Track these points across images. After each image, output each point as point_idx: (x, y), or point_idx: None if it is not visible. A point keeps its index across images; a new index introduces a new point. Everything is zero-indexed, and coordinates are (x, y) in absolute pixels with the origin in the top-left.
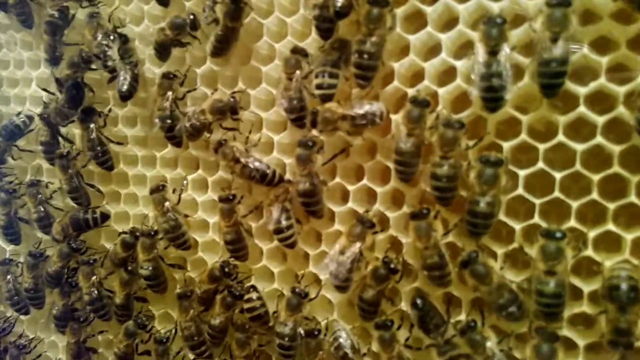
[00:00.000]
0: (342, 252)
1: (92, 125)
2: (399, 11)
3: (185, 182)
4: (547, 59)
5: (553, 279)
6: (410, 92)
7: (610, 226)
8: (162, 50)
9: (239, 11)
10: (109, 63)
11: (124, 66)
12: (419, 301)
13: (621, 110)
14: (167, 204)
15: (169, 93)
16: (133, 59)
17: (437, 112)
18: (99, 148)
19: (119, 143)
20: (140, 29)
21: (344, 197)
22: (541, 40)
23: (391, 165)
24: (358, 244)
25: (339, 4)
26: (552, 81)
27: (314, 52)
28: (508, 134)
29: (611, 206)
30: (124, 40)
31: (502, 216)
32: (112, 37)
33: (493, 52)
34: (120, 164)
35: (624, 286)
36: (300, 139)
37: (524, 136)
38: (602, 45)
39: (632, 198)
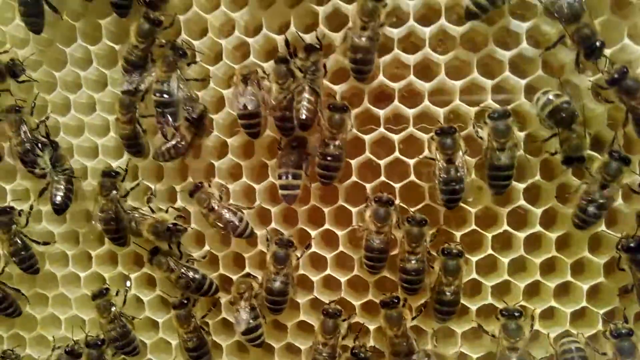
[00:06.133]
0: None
1: (13, 227)
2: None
3: (129, 282)
4: (496, 166)
5: (515, 354)
6: (368, 186)
7: (552, 302)
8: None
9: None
10: (37, 171)
11: (56, 176)
12: None
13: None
14: (114, 309)
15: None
16: (66, 165)
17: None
18: (23, 253)
19: (45, 243)
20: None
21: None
22: (489, 148)
23: (362, 260)
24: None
25: (302, 116)
26: (500, 183)
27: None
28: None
29: (551, 285)
30: (55, 147)
31: None
32: (40, 146)
33: (450, 161)
34: (47, 264)
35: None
36: (278, 238)
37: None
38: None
39: (568, 277)
